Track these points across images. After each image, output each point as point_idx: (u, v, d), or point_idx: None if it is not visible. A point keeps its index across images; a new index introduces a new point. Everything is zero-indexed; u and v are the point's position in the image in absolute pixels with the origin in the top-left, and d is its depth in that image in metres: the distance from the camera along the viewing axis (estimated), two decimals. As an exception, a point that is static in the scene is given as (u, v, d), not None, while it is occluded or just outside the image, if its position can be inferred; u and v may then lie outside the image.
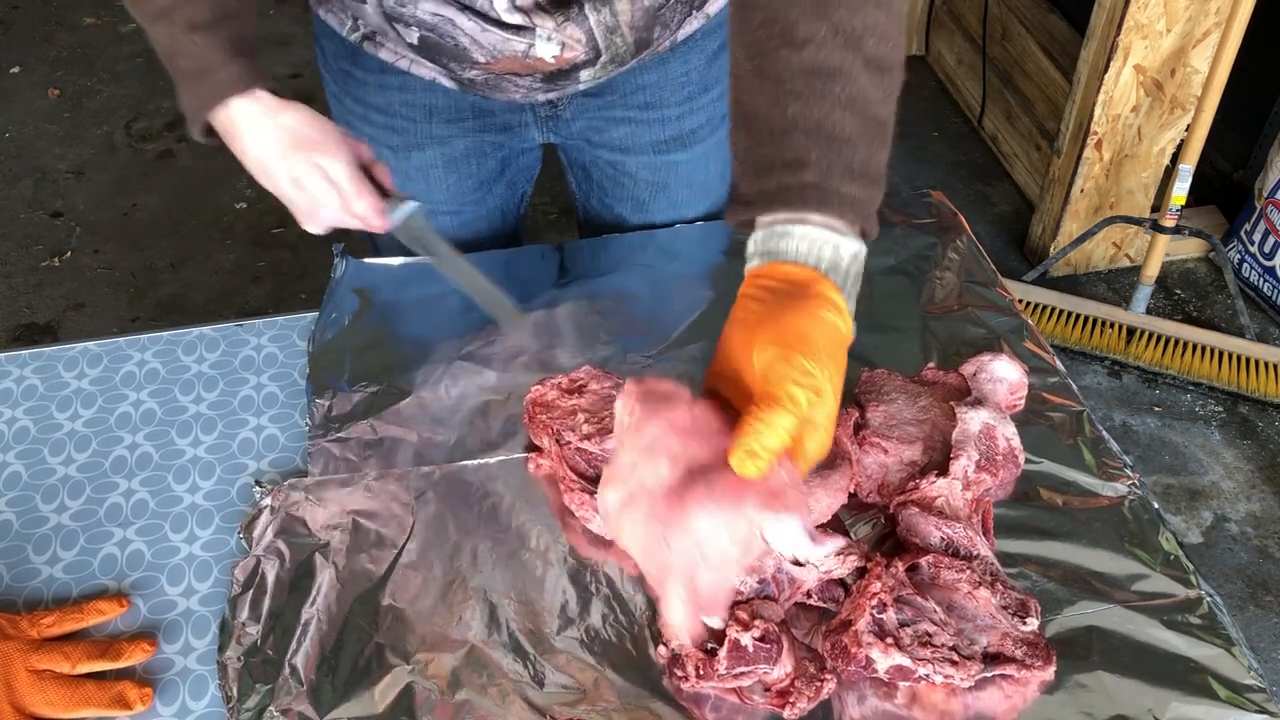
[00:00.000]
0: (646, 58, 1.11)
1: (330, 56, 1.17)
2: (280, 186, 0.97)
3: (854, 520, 0.96)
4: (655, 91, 1.17)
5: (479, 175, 1.23)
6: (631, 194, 1.27)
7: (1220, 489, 2.11)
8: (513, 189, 1.29)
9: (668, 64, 1.15)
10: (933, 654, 0.83)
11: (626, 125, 1.20)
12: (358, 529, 0.96)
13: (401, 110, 1.16)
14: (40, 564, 0.94)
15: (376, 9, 1.01)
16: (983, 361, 1.04)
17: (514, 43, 0.99)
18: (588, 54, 1.02)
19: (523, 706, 0.84)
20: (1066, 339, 2.32)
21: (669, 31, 1.08)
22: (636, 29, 1.02)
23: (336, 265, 1.20)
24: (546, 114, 1.19)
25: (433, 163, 1.20)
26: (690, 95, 1.19)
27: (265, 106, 0.94)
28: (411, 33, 1.02)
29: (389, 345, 1.12)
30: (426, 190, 1.22)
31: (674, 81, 1.17)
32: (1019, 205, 2.70)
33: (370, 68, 1.13)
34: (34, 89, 3.14)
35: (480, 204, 1.26)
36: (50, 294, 2.54)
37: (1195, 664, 0.86)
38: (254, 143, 0.95)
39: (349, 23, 1.09)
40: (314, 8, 1.14)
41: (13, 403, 1.07)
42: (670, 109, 1.19)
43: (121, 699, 0.84)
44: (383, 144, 1.19)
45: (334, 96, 1.21)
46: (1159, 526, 0.96)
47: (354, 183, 0.96)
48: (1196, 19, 2.13)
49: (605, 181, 1.28)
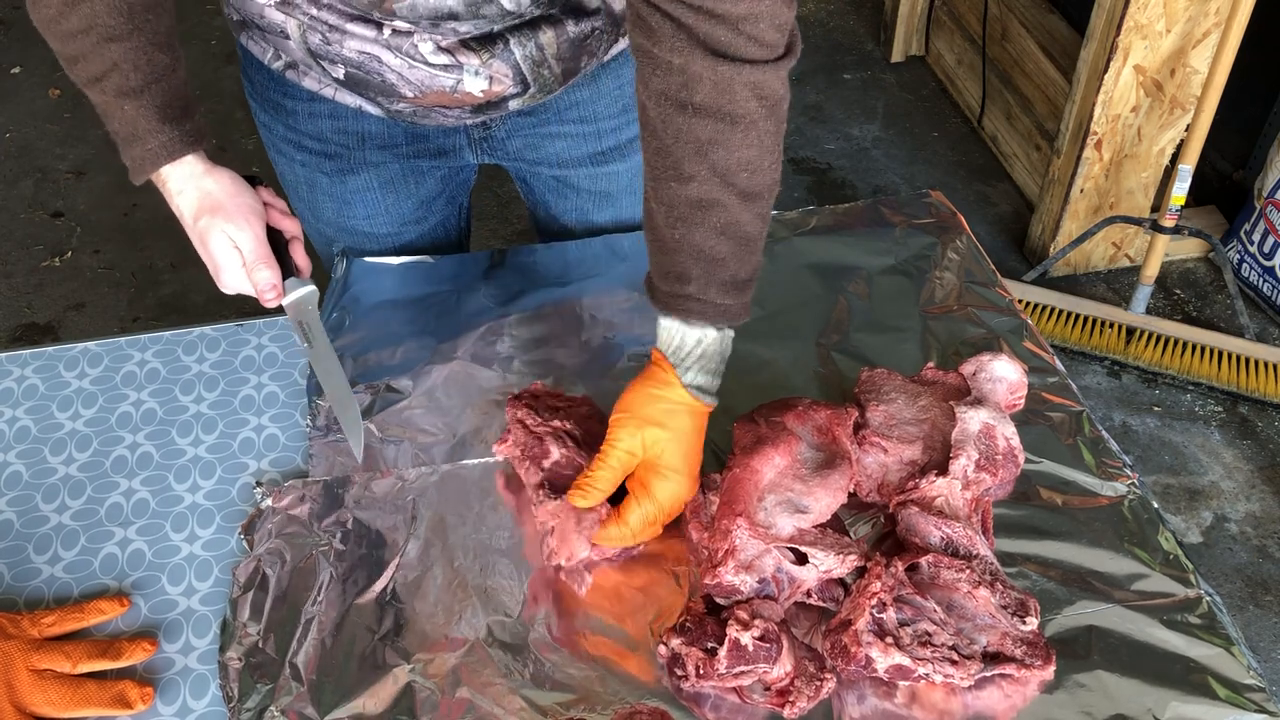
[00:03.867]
0: (582, 81, 1.12)
1: (257, 85, 1.15)
2: (195, 245, 0.99)
3: (854, 520, 0.96)
4: (589, 106, 1.17)
5: (418, 195, 1.22)
6: (575, 205, 1.26)
7: (1220, 489, 2.11)
8: (453, 203, 1.27)
9: (599, 80, 1.15)
10: (932, 653, 0.83)
11: (563, 140, 1.19)
12: (358, 529, 0.96)
13: (334, 137, 1.15)
14: (41, 563, 0.95)
15: (301, 45, 1.01)
16: (982, 361, 1.04)
17: (441, 79, 0.99)
18: (515, 87, 1.02)
19: (523, 706, 0.84)
20: (1066, 339, 2.32)
21: (595, 58, 1.08)
22: (563, 59, 1.02)
23: (336, 265, 1.20)
24: (480, 135, 1.18)
25: (369, 185, 1.19)
26: (625, 107, 1.18)
27: (191, 171, 0.97)
28: (337, 69, 1.01)
29: (389, 345, 1.12)
30: (366, 213, 1.21)
31: (607, 96, 1.16)
32: (1019, 205, 2.70)
33: (299, 96, 1.12)
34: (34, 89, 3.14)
35: (423, 222, 1.25)
36: (51, 294, 2.54)
37: (1195, 663, 0.86)
38: (176, 204, 0.98)
39: (270, 51, 1.08)
40: (235, 34, 1.13)
41: (13, 402, 1.07)
42: (605, 122, 1.18)
43: (122, 698, 0.84)
44: (317, 170, 1.17)
45: (264, 125, 1.19)
46: (1159, 526, 0.96)
47: (256, 255, 0.97)
48: (1196, 19, 2.13)
49: (548, 194, 1.27)
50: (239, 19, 1.06)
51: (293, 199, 1.23)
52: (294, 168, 1.19)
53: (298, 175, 1.19)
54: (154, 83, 0.93)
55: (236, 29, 1.10)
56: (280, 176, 1.23)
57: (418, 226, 1.24)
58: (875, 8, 3.25)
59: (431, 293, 1.17)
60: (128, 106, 0.93)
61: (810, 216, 1.27)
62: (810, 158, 2.83)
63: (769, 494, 0.90)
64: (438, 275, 1.19)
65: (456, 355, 1.11)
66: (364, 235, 1.22)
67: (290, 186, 1.22)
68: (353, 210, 1.20)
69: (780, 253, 1.22)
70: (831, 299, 1.17)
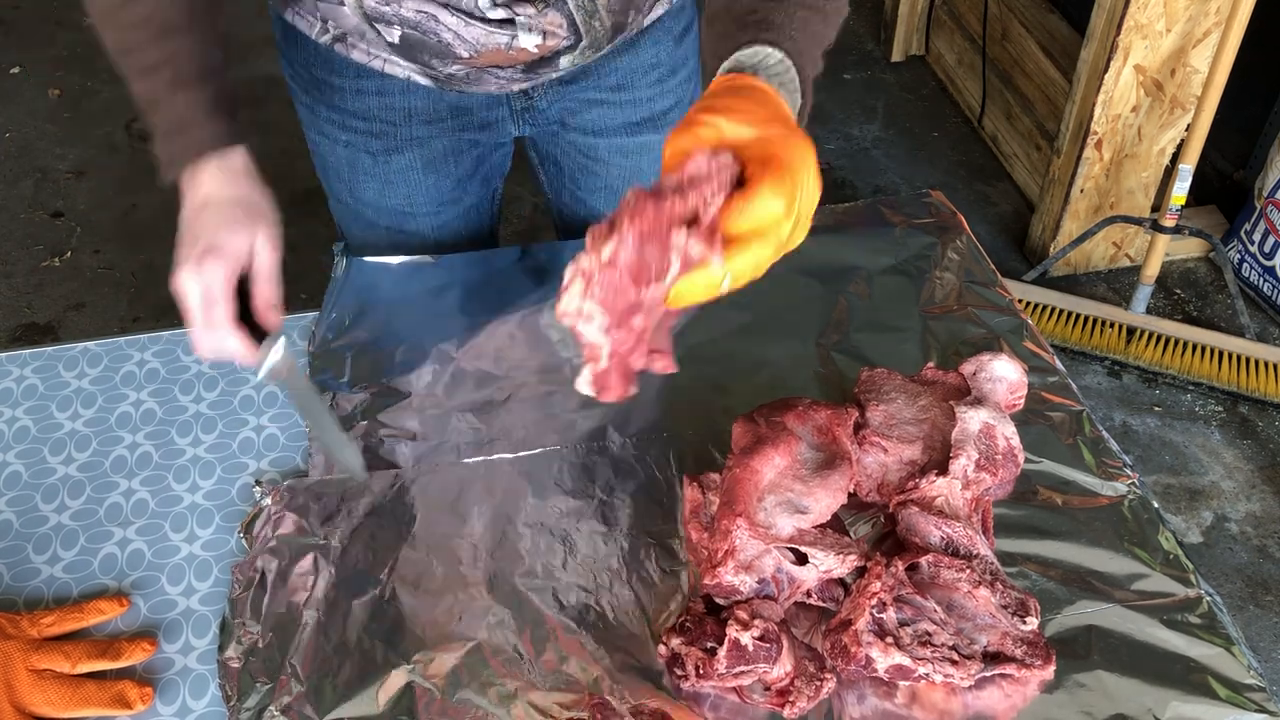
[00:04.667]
0: (619, 42, 1.12)
1: (299, 66, 1.16)
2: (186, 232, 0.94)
3: (854, 520, 0.96)
4: (626, 74, 1.19)
5: (456, 174, 1.24)
6: (605, 182, 1.28)
7: (1220, 489, 2.11)
8: (487, 185, 1.29)
9: (637, 47, 1.17)
10: (933, 653, 0.83)
11: (599, 107, 1.22)
12: (357, 529, 0.96)
13: (380, 114, 1.16)
14: (40, 563, 0.94)
15: (356, 9, 1.01)
16: (982, 361, 1.04)
17: (497, 36, 1.00)
18: (569, 40, 1.03)
19: (523, 706, 0.84)
20: (1066, 339, 2.32)
21: (641, 15, 1.10)
22: (613, 12, 1.03)
23: (337, 265, 1.20)
24: (521, 105, 1.20)
25: (412, 165, 1.21)
26: (660, 78, 1.21)
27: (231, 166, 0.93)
28: (393, 31, 1.02)
29: (389, 345, 1.12)
30: (407, 193, 1.22)
31: (644, 64, 1.19)
32: (1019, 205, 2.70)
33: (346, 73, 1.13)
34: (34, 89, 3.14)
35: (458, 203, 1.27)
36: (50, 294, 2.54)
37: (1195, 663, 0.86)
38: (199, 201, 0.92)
39: (318, 25, 1.09)
40: (278, 12, 1.13)
41: (13, 402, 1.07)
42: (641, 90, 1.21)
43: (122, 698, 0.84)
44: (362, 149, 1.19)
45: (306, 108, 1.20)
46: (1159, 526, 0.96)
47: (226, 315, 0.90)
48: (1196, 19, 2.13)
49: (577, 172, 1.29)
50: None
51: (332, 180, 1.25)
52: (335, 149, 1.20)
53: (339, 156, 1.21)
54: (208, 76, 0.92)
55: (279, 5, 1.10)
56: (320, 158, 1.24)
57: (454, 206, 1.26)
58: (875, 7, 3.25)
59: (432, 292, 1.17)
60: (180, 97, 0.91)
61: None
62: (810, 158, 2.83)
63: (769, 494, 0.90)
64: (438, 275, 1.19)
65: (456, 355, 1.11)
66: (402, 215, 1.24)
67: (331, 168, 1.24)
68: (394, 190, 1.22)
69: (780, 252, 1.22)
70: (831, 299, 1.17)
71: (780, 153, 0.70)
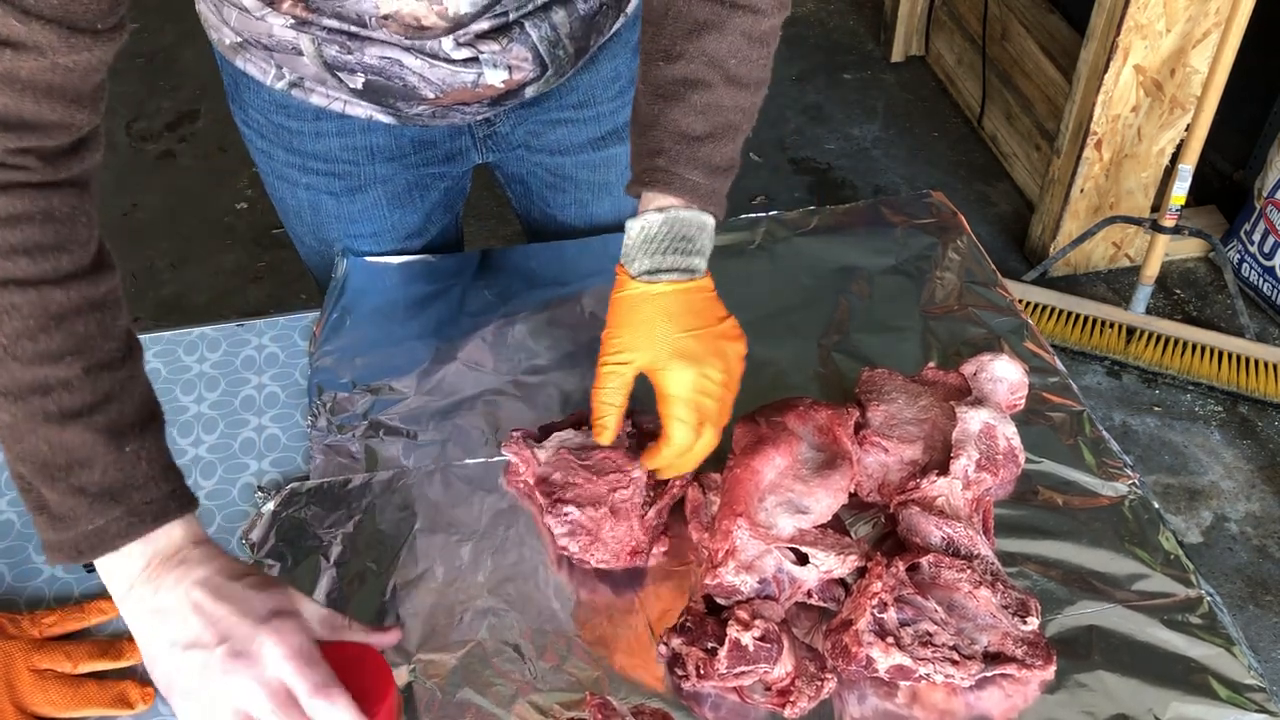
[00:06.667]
0: (582, 65, 1.12)
1: (253, 110, 1.12)
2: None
3: (854, 520, 0.96)
4: (588, 90, 1.17)
5: (423, 208, 1.21)
6: (574, 198, 1.26)
7: (1220, 489, 2.11)
8: (450, 210, 1.27)
9: (597, 62, 1.15)
10: (933, 653, 0.83)
11: (563, 126, 1.19)
12: (358, 530, 0.96)
13: (342, 155, 1.13)
14: (42, 563, 0.94)
15: (316, 59, 0.99)
16: (983, 361, 1.04)
17: (462, 74, 0.99)
18: (534, 72, 1.02)
19: (523, 706, 0.84)
20: (1066, 339, 2.32)
21: (602, 36, 1.09)
22: (575, 38, 1.03)
23: (337, 265, 1.20)
24: (484, 133, 1.17)
25: (377, 202, 1.17)
26: (621, 90, 1.19)
27: (208, 550, 0.75)
28: (356, 79, 1.00)
29: (389, 345, 1.12)
30: (373, 229, 1.19)
31: (604, 78, 1.17)
32: (1019, 205, 2.70)
33: (304, 115, 1.09)
34: (34, 89, 3.13)
35: (425, 234, 1.24)
36: (50, 294, 2.53)
37: (1195, 663, 0.86)
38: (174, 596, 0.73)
39: (273, 71, 1.05)
40: (226, 59, 1.09)
41: (14, 403, 1.07)
42: (604, 105, 1.19)
43: (123, 698, 0.84)
44: (323, 191, 1.16)
45: (263, 153, 1.15)
46: (1159, 526, 0.96)
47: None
48: (1196, 19, 2.13)
49: (544, 190, 1.26)
50: (237, 41, 1.04)
51: (295, 224, 1.22)
52: (296, 193, 1.17)
53: (300, 200, 1.18)
54: (151, 420, 0.78)
55: (230, 52, 1.07)
56: (280, 203, 1.21)
57: (420, 239, 1.24)
58: (875, 8, 3.25)
59: (432, 292, 1.17)
60: (118, 445, 0.73)
61: (811, 217, 1.27)
62: (810, 158, 2.83)
63: (769, 494, 0.90)
64: (438, 275, 1.19)
65: (457, 355, 1.11)
66: (368, 253, 1.21)
67: (292, 212, 1.20)
68: (359, 228, 1.19)
69: (780, 253, 1.22)
70: (832, 299, 1.17)
71: (666, 389, 0.89)
